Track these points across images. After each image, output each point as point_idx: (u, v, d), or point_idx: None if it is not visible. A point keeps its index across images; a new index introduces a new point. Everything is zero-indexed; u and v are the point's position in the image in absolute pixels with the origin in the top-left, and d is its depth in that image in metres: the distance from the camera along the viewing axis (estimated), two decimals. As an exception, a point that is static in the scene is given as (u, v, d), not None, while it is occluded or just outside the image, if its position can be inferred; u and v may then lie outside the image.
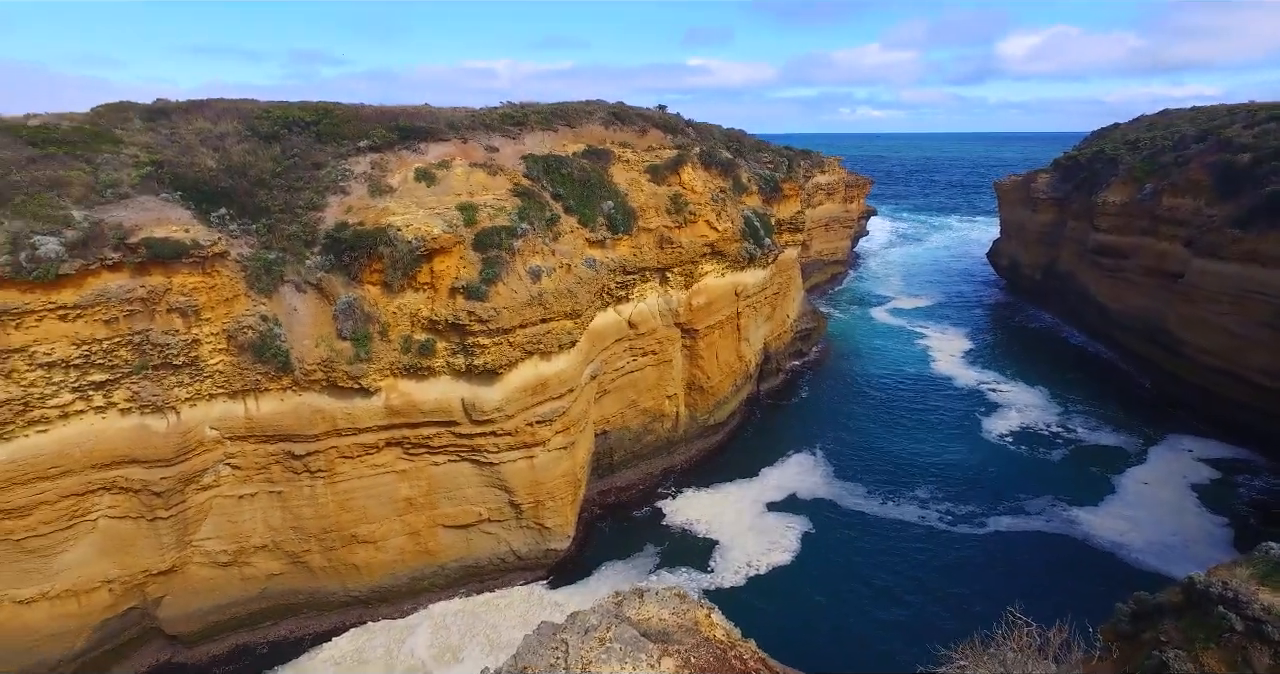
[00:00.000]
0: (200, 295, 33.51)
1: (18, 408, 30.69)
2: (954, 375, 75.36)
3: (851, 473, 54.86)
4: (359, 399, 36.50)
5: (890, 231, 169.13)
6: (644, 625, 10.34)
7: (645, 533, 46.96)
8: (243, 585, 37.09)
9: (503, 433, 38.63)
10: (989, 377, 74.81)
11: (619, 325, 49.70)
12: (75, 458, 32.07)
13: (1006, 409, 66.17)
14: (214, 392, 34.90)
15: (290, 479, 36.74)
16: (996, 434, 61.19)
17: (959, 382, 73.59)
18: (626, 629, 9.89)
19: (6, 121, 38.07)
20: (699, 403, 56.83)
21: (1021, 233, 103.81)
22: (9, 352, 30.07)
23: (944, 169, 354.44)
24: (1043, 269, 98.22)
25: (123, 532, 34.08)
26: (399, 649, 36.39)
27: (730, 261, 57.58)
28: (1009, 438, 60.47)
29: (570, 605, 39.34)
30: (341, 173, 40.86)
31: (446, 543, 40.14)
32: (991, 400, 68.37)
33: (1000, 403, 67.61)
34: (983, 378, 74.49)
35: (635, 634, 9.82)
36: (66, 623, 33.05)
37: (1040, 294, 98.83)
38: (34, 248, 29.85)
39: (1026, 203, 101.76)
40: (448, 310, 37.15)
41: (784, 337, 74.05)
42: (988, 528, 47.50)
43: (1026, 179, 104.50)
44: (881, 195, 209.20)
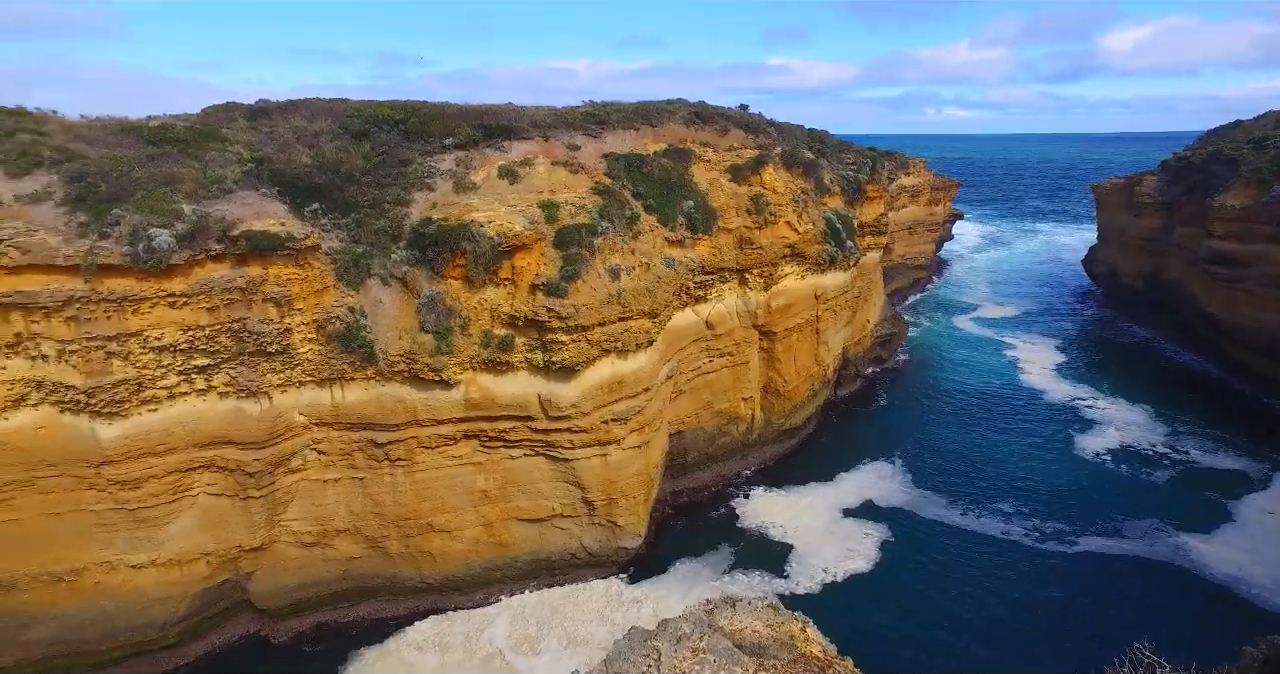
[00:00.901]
0: (293, 286, 34.91)
1: (133, 388, 33.04)
2: (1045, 389, 71.63)
3: (931, 482, 53.10)
4: (439, 391, 37.36)
5: (977, 236, 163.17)
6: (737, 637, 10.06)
7: (720, 533, 46.59)
8: (325, 566, 38.49)
9: (578, 430, 38.90)
10: (1084, 392, 70.65)
11: (696, 326, 49.43)
12: (179, 436, 34.15)
13: (1104, 426, 62.39)
14: (303, 379, 36.32)
15: (372, 466, 37.91)
16: (1091, 451, 57.86)
17: (1050, 396, 69.90)
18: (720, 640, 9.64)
19: (132, 123, 40.80)
20: (775, 406, 56.03)
21: (1121, 239, 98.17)
22: (127, 335, 32.32)
23: (1035, 171, 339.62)
24: (1145, 278, 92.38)
25: (219, 508, 35.92)
26: (478, 637, 37.13)
27: (811, 264, 56.56)
28: (1106, 456, 57.04)
29: (648, 602, 39.49)
30: (427, 170, 41.91)
31: (519, 536, 40.70)
32: (1087, 416, 64.64)
33: (1097, 420, 63.82)
34: (1077, 393, 70.46)
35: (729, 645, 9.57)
36: (170, 590, 35.30)
37: (1140, 305, 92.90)
38: (149, 239, 31.75)
39: (1129, 207, 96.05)
40: (527, 307, 37.63)
41: (863, 342, 72.38)
42: (1079, 547, 45.06)
43: (1130, 182, 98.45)
44: (968, 198, 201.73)
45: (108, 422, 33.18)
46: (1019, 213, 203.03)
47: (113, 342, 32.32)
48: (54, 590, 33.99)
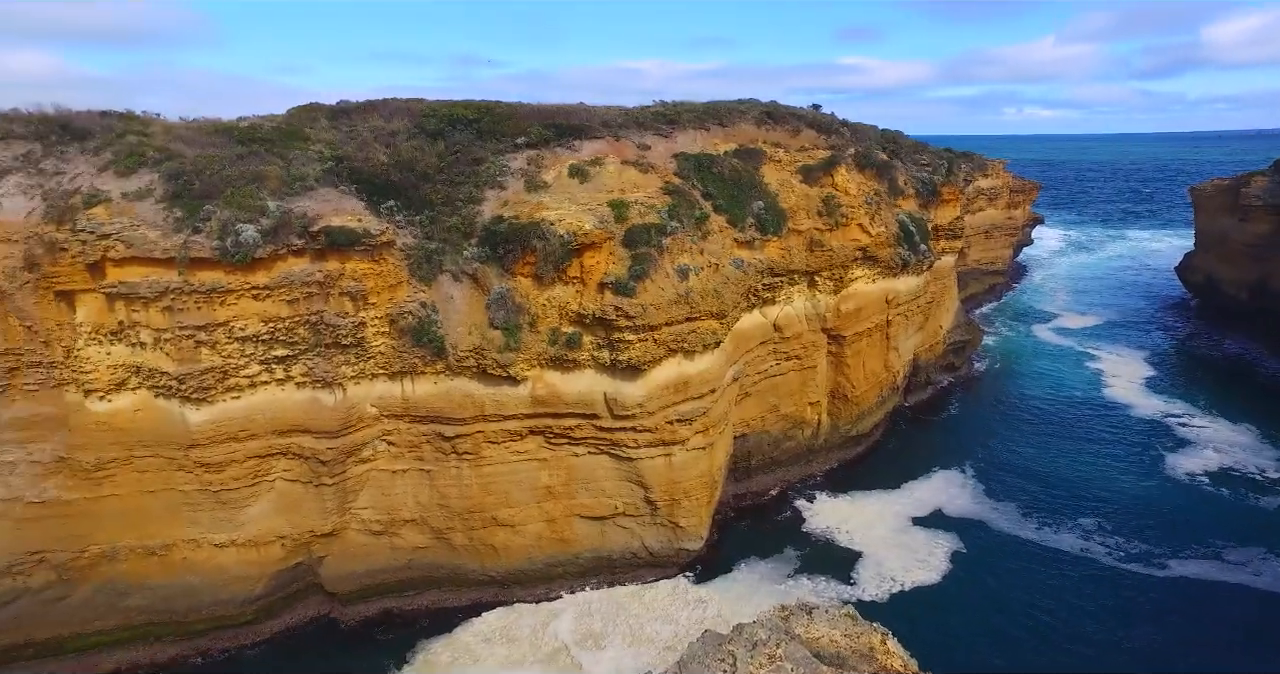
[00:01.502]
0: (368, 281, 35.93)
1: (219, 375, 34.69)
2: (1132, 404, 67.61)
3: (1004, 494, 51.21)
4: (506, 387, 37.91)
5: (1058, 241, 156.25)
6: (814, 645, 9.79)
7: (785, 536, 46.05)
8: (392, 555, 39.50)
9: (643, 429, 38.93)
10: (1177, 408, 66.22)
11: (764, 328, 48.89)
12: (260, 423, 35.65)
13: (1200, 446, 58.39)
14: (376, 371, 37.36)
15: (439, 459, 38.72)
16: (1185, 472, 54.28)
17: (1138, 411, 65.98)
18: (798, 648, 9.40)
19: (224, 124, 42.88)
20: (842, 412, 54.97)
21: (1224, 245, 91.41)
22: (215, 325, 33.94)
23: (1124, 173, 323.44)
24: (1249, 288, 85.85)
25: (295, 494, 37.30)
26: (544, 631, 37.59)
27: (882, 267, 55.30)
28: (1203, 478, 53.42)
29: (714, 603, 39.32)
30: (499, 168, 42.58)
31: (581, 533, 40.96)
32: (1181, 435, 60.62)
33: (1192, 439, 59.81)
34: (1169, 409, 66.15)
35: (807, 654, 9.31)
36: (249, 569, 36.99)
37: (1243, 317, 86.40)
38: (237, 234, 33.18)
39: (1233, 210, 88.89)
40: (595, 305, 37.84)
41: (935, 348, 70.39)
42: (1169, 571, 42.54)
43: (1235, 183, 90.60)
44: (1050, 202, 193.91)
45: (196, 407, 34.89)
46: (1105, 217, 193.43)
47: (201, 331, 33.95)
48: (148, 563, 36.10)
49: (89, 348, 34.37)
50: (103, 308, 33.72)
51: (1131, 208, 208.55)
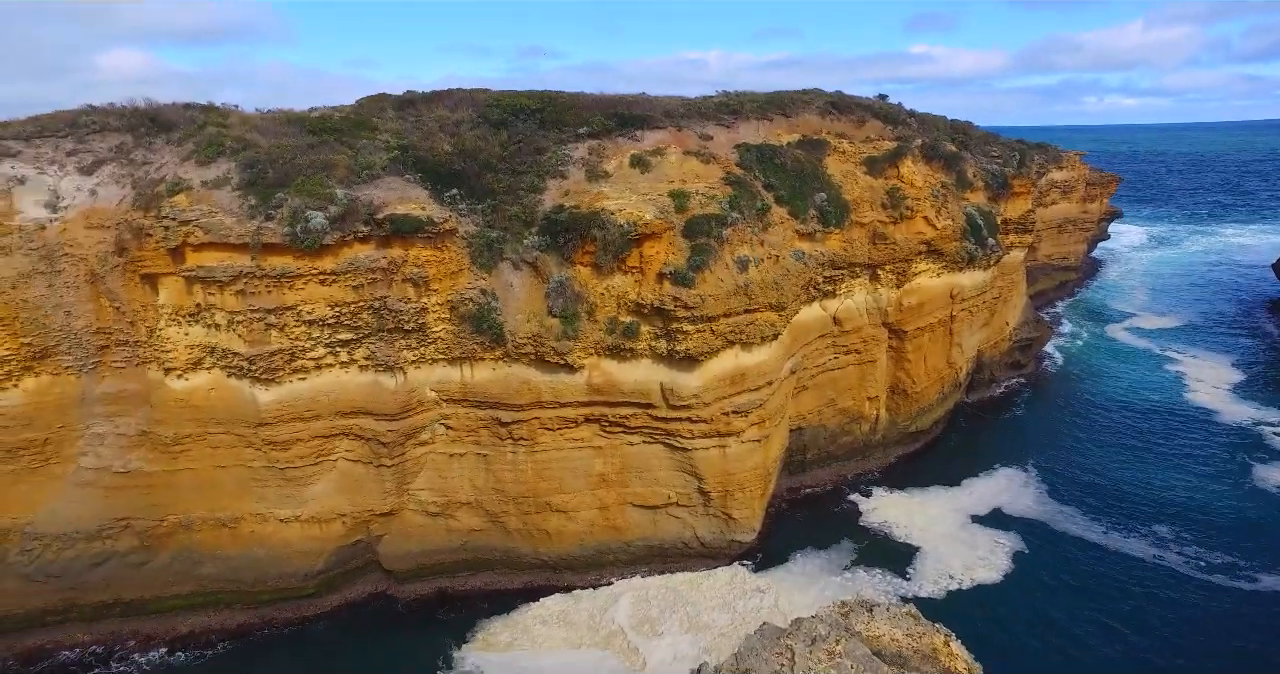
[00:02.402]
0: (431, 268, 36.71)
1: (287, 357, 35.96)
2: (1217, 410, 63.60)
3: (1069, 497, 49.38)
4: (563, 374, 38.31)
5: (1138, 236, 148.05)
6: (875, 643, 9.63)
7: (841, 528, 45.70)
8: (447, 536, 40.45)
9: (698, 420, 38.89)
10: (1271, 416, 61.87)
11: (823, 321, 48.21)
12: (324, 404, 36.88)
13: None
14: (436, 356, 38.20)
15: (496, 444, 39.42)
16: (1275, 483, 51.10)
17: (1224, 417, 62.11)
18: (858, 645, 9.25)
19: (297, 115, 44.33)
20: (901, 408, 53.88)
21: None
22: (284, 309, 35.17)
23: (1216, 164, 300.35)
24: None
25: (356, 474, 38.51)
26: (601, 616, 38.11)
27: (947, 261, 53.85)
28: None
29: (770, 592, 39.29)
30: (561, 158, 42.90)
31: (634, 521, 41.22)
32: (1274, 445, 56.86)
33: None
34: (1262, 416, 61.89)
35: (868, 653, 9.16)
36: (311, 544, 38.42)
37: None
38: (306, 221, 34.27)
39: None
40: (654, 295, 37.88)
41: (1001, 345, 68.28)
42: (1258, 585, 40.28)
43: None
44: (1131, 195, 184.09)
45: (265, 387, 36.29)
46: (1192, 210, 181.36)
47: (271, 314, 35.25)
48: (219, 534, 37.85)
49: (169, 328, 36.08)
50: (182, 291, 35.32)
51: (1223, 200, 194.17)
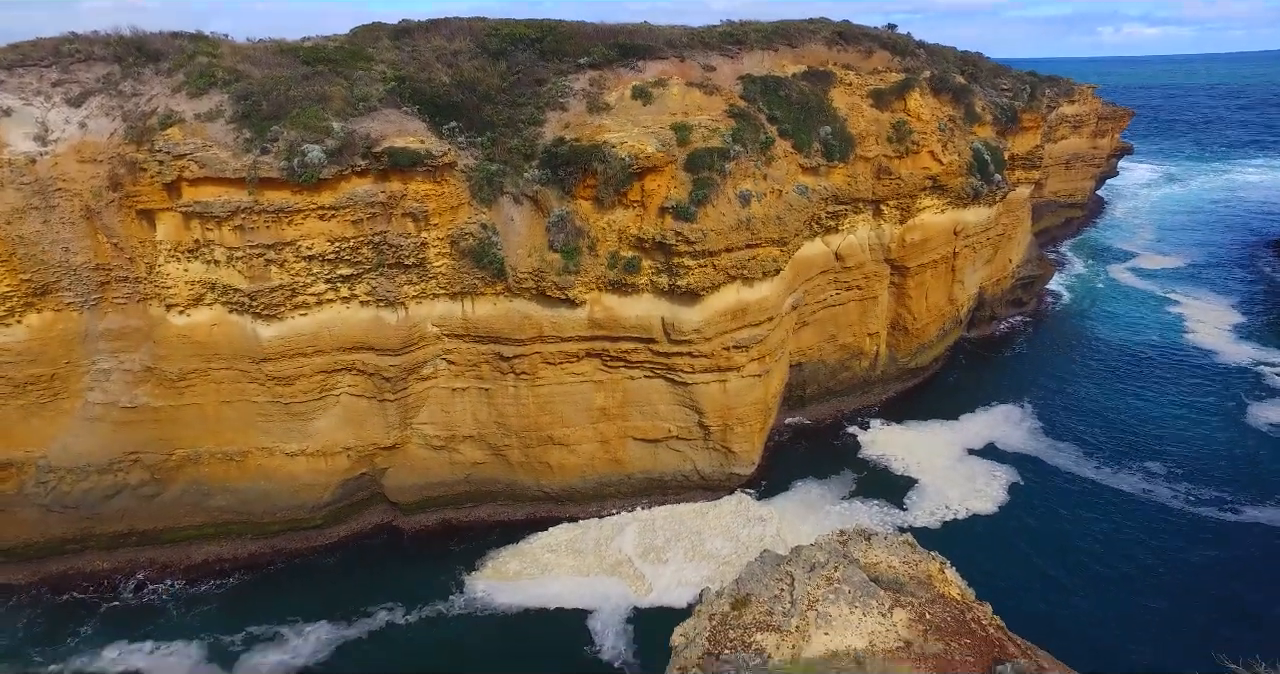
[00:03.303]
0: (430, 202, 36.36)
1: (287, 293, 35.97)
2: (1217, 350, 63.55)
3: (1064, 433, 50.06)
4: (565, 309, 38.38)
5: (1148, 172, 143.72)
6: (872, 570, 9.94)
7: (841, 460, 46.65)
8: (451, 469, 41.21)
9: (699, 355, 39.13)
10: (1270, 357, 61.81)
11: (825, 257, 48.01)
12: (325, 339, 37.10)
13: None
14: (437, 292, 38.22)
15: (497, 378, 39.78)
16: (1268, 421, 51.46)
17: (1223, 357, 62.10)
18: (856, 572, 9.57)
19: (290, 45, 43.29)
20: (901, 344, 54.12)
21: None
22: (283, 244, 35.03)
23: (1239, 96, 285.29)
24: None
25: (359, 408, 39.00)
26: (608, 544, 39.23)
27: (952, 197, 53.23)
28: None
29: (773, 521, 40.33)
30: (561, 89, 41.98)
31: (634, 454, 41.91)
32: (1273, 385, 56.88)
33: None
34: (1261, 357, 61.84)
35: (865, 579, 9.49)
36: (317, 477, 39.20)
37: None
38: (303, 155, 33.78)
39: None
40: (655, 229, 37.62)
41: (1003, 283, 68.10)
42: (1244, 517, 41.23)
43: None
44: (1143, 130, 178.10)
45: (266, 323, 36.42)
46: (1205, 146, 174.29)
47: (271, 250, 35.10)
48: (227, 467, 38.58)
49: (169, 265, 36.01)
50: (180, 226, 35.08)
51: (1239, 136, 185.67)
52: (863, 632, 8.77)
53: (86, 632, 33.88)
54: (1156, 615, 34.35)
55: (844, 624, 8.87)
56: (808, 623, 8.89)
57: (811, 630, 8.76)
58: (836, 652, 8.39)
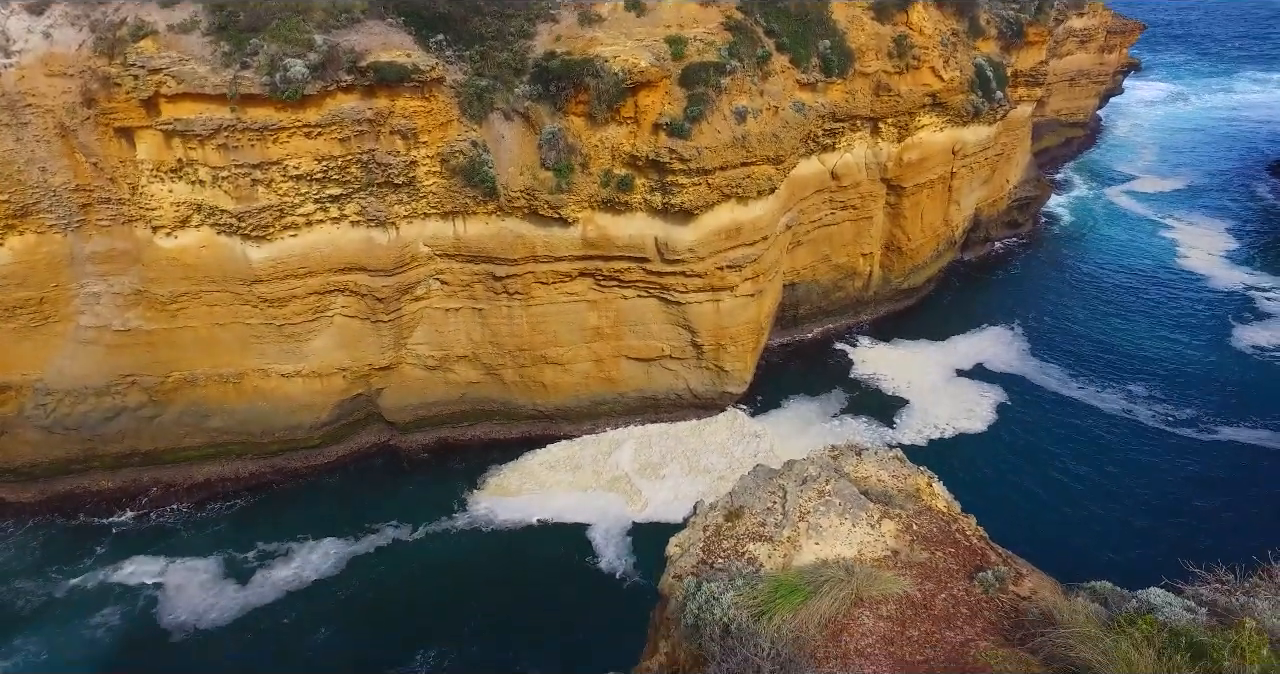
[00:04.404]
0: (419, 119, 35.38)
1: (276, 213, 35.43)
2: (1209, 275, 63.20)
3: (1051, 354, 50.74)
4: (557, 228, 38.02)
5: (1154, 90, 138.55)
6: (862, 484, 10.18)
7: (833, 379, 47.52)
8: (446, 388, 41.68)
9: (692, 274, 39.07)
10: (1263, 281, 61.50)
11: (821, 175, 47.29)
12: (316, 260, 36.83)
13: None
14: (428, 211, 37.71)
15: (491, 298, 39.77)
16: (1253, 344, 52.03)
17: (1215, 283, 61.80)
18: (846, 485, 9.79)
19: None
20: (895, 265, 54.06)
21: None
22: (269, 163, 34.26)
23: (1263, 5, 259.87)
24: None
25: (353, 329, 39.10)
26: (606, 461, 40.32)
27: (952, 115, 52.07)
28: (1276, 352, 51.00)
29: (766, 437, 41.44)
30: (552, 0, 40.24)
31: (628, 373, 42.40)
32: (1262, 309, 56.97)
33: (1275, 313, 56.17)
34: (1252, 282, 61.59)
35: (855, 491, 9.73)
36: (314, 398, 39.64)
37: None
38: (285, 70, 32.56)
39: None
40: (649, 147, 36.86)
41: (999, 204, 67.45)
42: (1218, 436, 42.36)
43: None
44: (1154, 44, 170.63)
45: (256, 244, 35.99)
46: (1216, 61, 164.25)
47: (257, 169, 34.31)
48: (224, 389, 38.92)
49: (152, 185, 35.25)
50: (161, 145, 34.15)
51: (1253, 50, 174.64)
52: (852, 542, 9.10)
53: (102, 551, 34.99)
54: (1131, 528, 35.81)
55: (834, 535, 9.18)
56: (799, 533, 9.19)
57: (803, 540, 9.07)
58: (826, 560, 8.72)
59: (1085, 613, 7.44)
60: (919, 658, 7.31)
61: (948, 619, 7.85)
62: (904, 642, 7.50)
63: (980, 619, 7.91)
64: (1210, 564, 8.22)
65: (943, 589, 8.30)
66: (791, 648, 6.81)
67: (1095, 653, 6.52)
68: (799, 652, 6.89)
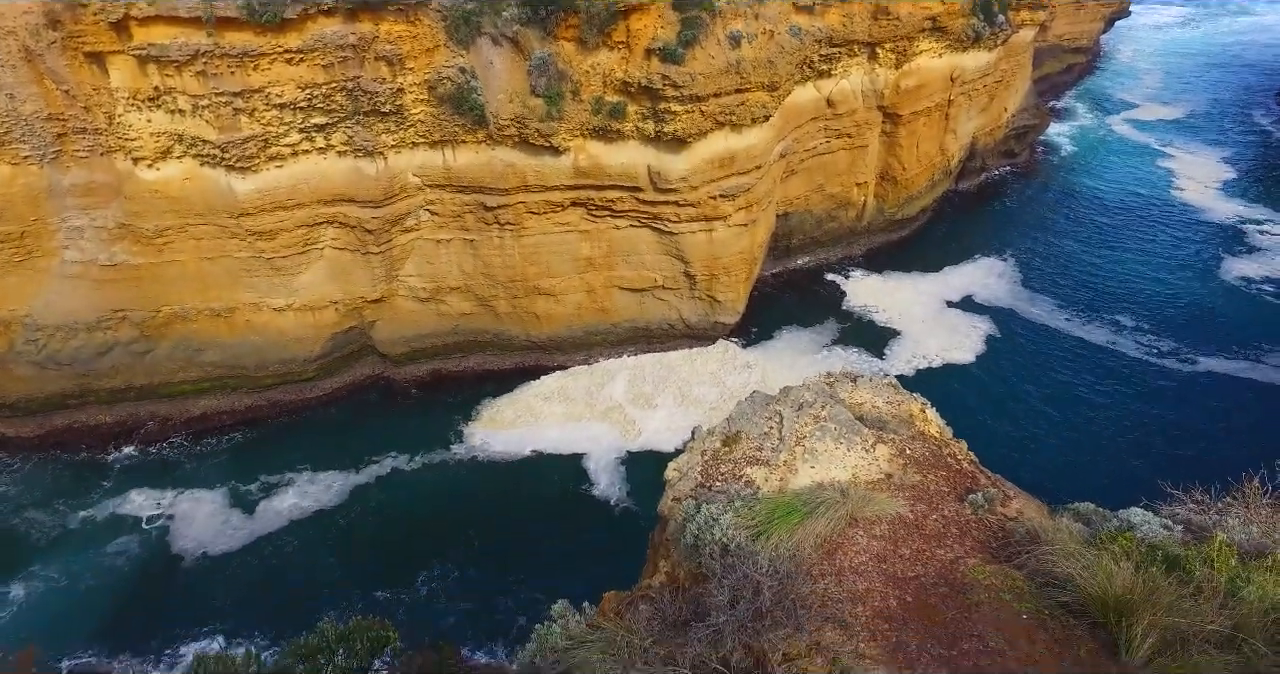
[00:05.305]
0: (404, 44, 34.24)
1: (260, 144, 34.67)
2: (1203, 207, 62.67)
3: (1041, 286, 51.10)
4: (548, 157, 37.37)
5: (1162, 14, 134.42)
6: (857, 410, 10.36)
7: (825, 308, 47.91)
8: (439, 320, 41.73)
9: (685, 203, 38.70)
10: (1257, 214, 61.24)
11: (816, 103, 46.31)
12: (304, 192, 36.26)
13: (1272, 254, 54.88)
14: (416, 140, 36.92)
15: (482, 229, 39.40)
16: (1240, 275, 52.30)
17: (1209, 215, 61.30)
18: (841, 411, 9.95)
19: None
20: (889, 195, 53.59)
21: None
22: (251, 91, 33.31)
23: None
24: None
25: (344, 262, 38.81)
26: (599, 392, 40.77)
27: (951, 41, 50.66)
28: (1264, 285, 51.16)
29: (757, 368, 41.90)
30: (539, -85, 38.37)
31: (621, 304, 42.47)
32: (1254, 243, 56.89)
33: (1265, 246, 56.03)
34: (1247, 214, 61.30)
35: (850, 417, 9.90)
36: (306, 331, 39.65)
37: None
38: (267, -10, 31.14)
39: None
40: (641, 73, 35.89)
41: (996, 132, 66.38)
42: (1198, 367, 43.16)
43: None
44: None
45: (241, 176, 35.30)
46: None
47: (238, 98, 33.33)
48: (215, 323, 38.84)
49: (129, 114, 34.21)
50: (136, 72, 32.98)
51: None
52: (847, 465, 9.35)
53: (107, 484, 35.59)
54: (1113, 453, 36.89)
55: (829, 459, 9.42)
56: (795, 458, 9.42)
57: (799, 464, 9.31)
58: (822, 483, 8.97)
59: (1069, 531, 7.76)
60: (910, 574, 7.62)
61: (938, 538, 8.14)
62: (896, 559, 7.80)
63: (969, 538, 8.21)
64: (1187, 486, 8.56)
65: (934, 510, 8.58)
66: (789, 565, 7.09)
67: (1077, 567, 6.83)
68: (796, 569, 7.17)
